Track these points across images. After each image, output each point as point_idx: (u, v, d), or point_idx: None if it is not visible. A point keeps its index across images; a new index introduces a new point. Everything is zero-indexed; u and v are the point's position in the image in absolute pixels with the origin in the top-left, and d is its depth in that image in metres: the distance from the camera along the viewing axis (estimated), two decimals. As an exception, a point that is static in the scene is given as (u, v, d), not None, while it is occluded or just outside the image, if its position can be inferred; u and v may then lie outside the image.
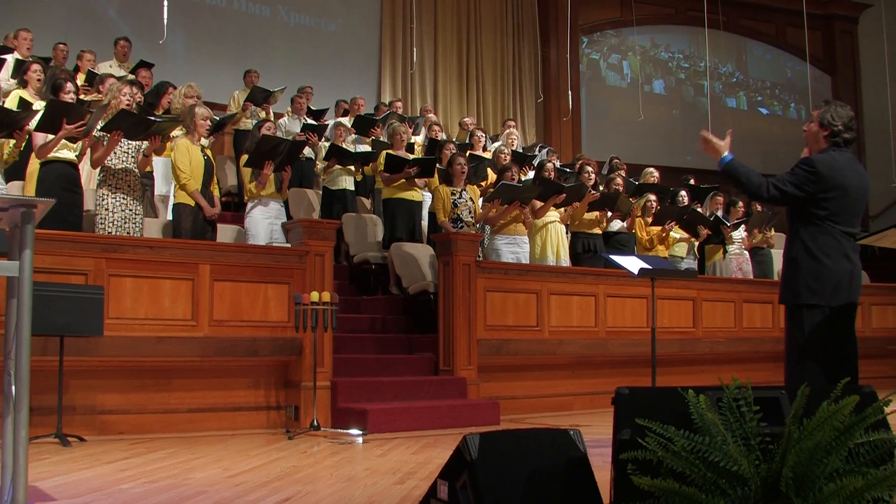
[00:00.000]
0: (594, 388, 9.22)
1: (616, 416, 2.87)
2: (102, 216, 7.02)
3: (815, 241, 4.54)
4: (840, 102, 4.82)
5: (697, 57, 19.00)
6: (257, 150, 8.00)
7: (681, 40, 18.83)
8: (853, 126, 4.70)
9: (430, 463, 5.26)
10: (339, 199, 10.38)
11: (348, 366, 7.61)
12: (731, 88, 19.38)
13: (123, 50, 11.04)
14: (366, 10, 15.49)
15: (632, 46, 18.19)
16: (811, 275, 4.52)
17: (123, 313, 6.43)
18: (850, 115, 4.71)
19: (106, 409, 6.47)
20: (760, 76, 19.76)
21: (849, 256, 4.59)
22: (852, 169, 4.63)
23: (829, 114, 4.66)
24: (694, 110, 18.88)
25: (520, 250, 9.11)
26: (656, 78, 18.57)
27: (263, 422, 7.10)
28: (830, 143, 4.66)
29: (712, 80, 18.99)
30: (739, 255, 11.15)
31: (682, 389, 2.74)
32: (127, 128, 6.83)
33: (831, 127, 4.63)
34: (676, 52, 18.87)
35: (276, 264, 7.18)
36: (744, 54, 19.48)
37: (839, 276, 4.53)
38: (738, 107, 19.44)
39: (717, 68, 19.12)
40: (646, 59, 18.38)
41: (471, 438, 2.84)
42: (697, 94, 19.08)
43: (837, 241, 4.53)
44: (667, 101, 18.59)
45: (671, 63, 18.80)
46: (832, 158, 4.58)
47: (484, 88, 16.38)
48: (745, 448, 2.50)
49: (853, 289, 4.61)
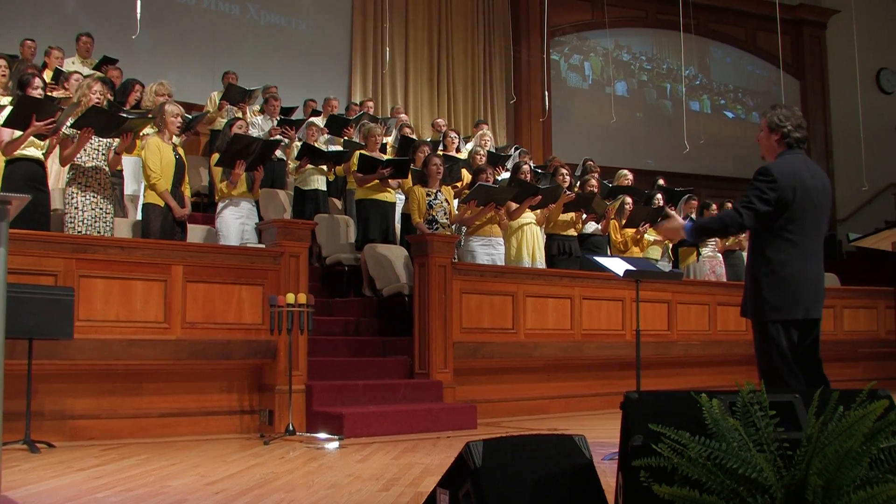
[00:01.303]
0: (570, 391, 9.16)
1: (625, 422, 2.77)
2: (72, 215, 6.83)
3: (774, 251, 4.45)
4: (786, 104, 4.77)
5: (660, 59, 19.01)
6: (228, 148, 7.82)
7: (643, 42, 18.79)
8: (803, 125, 4.65)
9: (413, 468, 5.15)
10: (311, 200, 10.23)
11: (322, 369, 7.47)
12: (695, 91, 19.41)
13: (86, 46, 10.80)
14: (337, 10, 15.32)
15: (593, 48, 18.13)
16: (773, 290, 4.43)
17: (94, 315, 6.25)
18: (798, 114, 4.66)
19: (76, 414, 6.28)
20: (723, 80, 19.80)
21: (810, 263, 4.51)
22: (808, 169, 4.58)
23: (776, 116, 4.62)
24: (657, 113, 18.89)
25: (495, 252, 9.01)
26: (619, 80, 18.53)
27: (237, 426, 6.94)
28: (784, 146, 4.61)
29: (675, 82, 19.03)
30: (713, 257, 11.14)
31: (694, 393, 2.65)
32: (98, 125, 6.65)
33: (781, 129, 4.59)
34: (639, 54, 18.83)
35: (251, 265, 7.02)
36: (706, 57, 19.51)
37: (801, 285, 4.44)
38: (701, 110, 19.46)
39: (679, 71, 19.15)
40: (608, 61, 18.34)
41: (474, 445, 2.73)
42: (661, 97, 19.09)
43: (797, 247, 4.45)
44: (630, 103, 18.54)
45: (633, 65, 18.76)
46: (786, 162, 4.52)
47: (455, 89, 16.27)
48: (762, 454, 2.41)
49: (816, 300, 4.52)
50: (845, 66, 18.57)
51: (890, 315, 12.05)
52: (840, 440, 2.33)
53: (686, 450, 2.45)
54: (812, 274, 4.51)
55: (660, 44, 18.96)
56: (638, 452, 2.59)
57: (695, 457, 2.41)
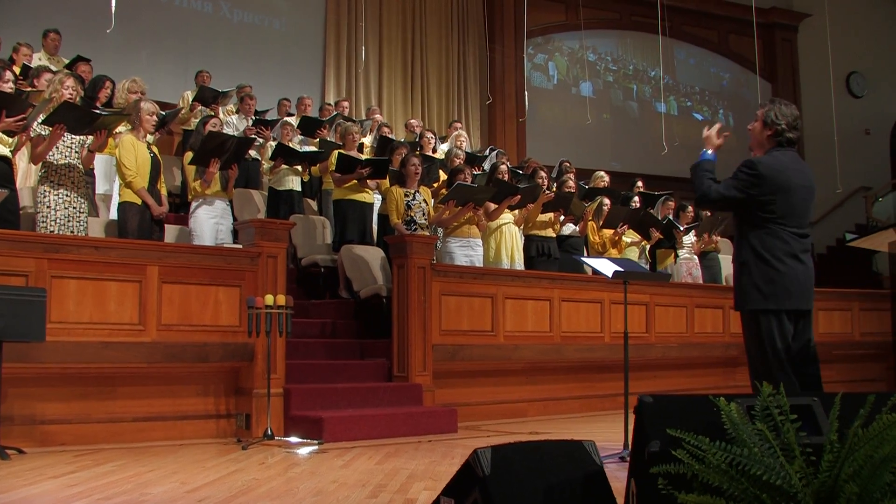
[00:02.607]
0: (548, 394, 9.08)
1: (639, 427, 2.67)
2: (44, 214, 6.63)
3: (763, 244, 4.47)
4: (785, 101, 4.74)
5: (625, 60, 18.96)
6: (203, 146, 7.65)
7: (607, 43, 18.70)
8: (797, 125, 4.65)
9: (399, 474, 5.02)
10: (285, 200, 10.07)
11: (300, 372, 7.32)
12: (662, 93, 19.38)
13: (54, 42, 10.52)
14: (310, 9, 15.15)
15: (559, 47, 18.04)
16: (762, 278, 4.45)
17: (67, 317, 6.05)
18: (795, 114, 4.65)
19: (47, 419, 6.09)
20: (690, 81, 19.76)
21: (799, 257, 4.52)
22: (797, 168, 4.57)
23: (773, 112, 4.60)
24: (623, 114, 18.83)
25: (474, 253, 8.90)
26: (584, 81, 18.43)
27: (213, 431, 6.77)
28: (774, 143, 4.60)
29: (641, 83, 18.99)
30: (689, 259, 11.12)
31: (712, 397, 2.55)
32: (70, 121, 6.44)
33: (775, 126, 4.57)
34: (604, 54, 18.73)
35: (228, 266, 6.85)
36: (672, 58, 19.49)
37: (790, 279, 4.45)
38: (668, 111, 19.39)
39: (645, 72, 19.13)
40: (573, 62, 18.25)
41: (482, 452, 2.61)
42: (626, 98, 19.03)
43: (786, 243, 4.47)
44: (595, 104, 18.44)
45: (599, 66, 18.65)
46: (775, 159, 4.52)
47: (429, 90, 16.15)
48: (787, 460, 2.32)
49: (806, 291, 4.53)
50: (816, 69, 18.69)
51: (864, 317, 12.08)
52: (871, 445, 2.25)
53: (707, 456, 2.35)
54: (800, 267, 4.51)
55: (625, 45, 18.88)
56: (656, 458, 2.49)
57: (717, 463, 2.31)
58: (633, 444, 2.70)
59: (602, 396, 9.51)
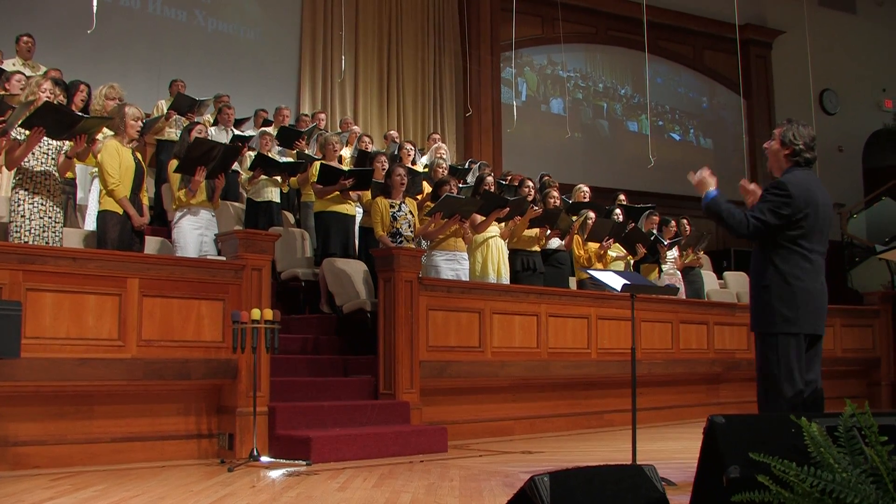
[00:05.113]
0: (535, 411, 8.87)
1: (712, 449, 2.45)
2: (18, 223, 6.30)
3: (787, 264, 4.42)
4: (802, 122, 4.73)
5: (595, 78, 18.82)
6: (189, 154, 7.35)
7: (577, 59, 18.54)
8: (814, 146, 4.65)
9: (400, 497, 4.78)
10: (264, 212, 9.80)
11: (283, 390, 7.04)
12: (632, 111, 19.25)
13: (27, 46, 10.19)
14: (286, 19, 14.90)
15: (528, 62, 17.88)
16: (785, 303, 4.39)
17: (42, 332, 5.72)
18: (812, 134, 4.66)
19: (19, 441, 5.75)
20: (661, 100, 19.60)
21: (819, 276, 4.49)
22: (819, 188, 4.56)
23: (791, 132, 4.61)
24: (593, 131, 18.69)
25: (460, 267, 8.67)
26: (554, 97, 18.26)
27: (195, 452, 6.46)
28: (792, 163, 4.56)
29: (612, 101, 18.88)
30: (673, 274, 11.00)
31: (794, 417, 2.35)
32: (50, 124, 6.12)
33: (793, 146, 4.54)
34: (573, 70, 18.54)
35: (211, 279, 6.57)
36: (643, 76, 19.37)
37: (813, 297, 4.42)
38: (639, 130, 19.23)
39: (616, 90, 19.02)
40: (543, 78, 18.09)
41: (540, 479, 2.38)
42: (596, 116, 18.88)
43: (811, 263, 4.46)
44: (565, 121, 18.24)
45: (569, 83, 18.45)
46: (798, 178, 4.49)
47: (405, 102, 15.95)
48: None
49: (822, 311, 4.50)
50: (790, 86, 18.74)
51: (846, 333, 12.03)
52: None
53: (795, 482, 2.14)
54: (822, 289, 4.53)
55: (594, 61, 18.73)
56: (736, 485, 2.27)
57: (808, 491, 2.11)
58: (700, 469, 2.49)
59: (589, 414, 9.32)
